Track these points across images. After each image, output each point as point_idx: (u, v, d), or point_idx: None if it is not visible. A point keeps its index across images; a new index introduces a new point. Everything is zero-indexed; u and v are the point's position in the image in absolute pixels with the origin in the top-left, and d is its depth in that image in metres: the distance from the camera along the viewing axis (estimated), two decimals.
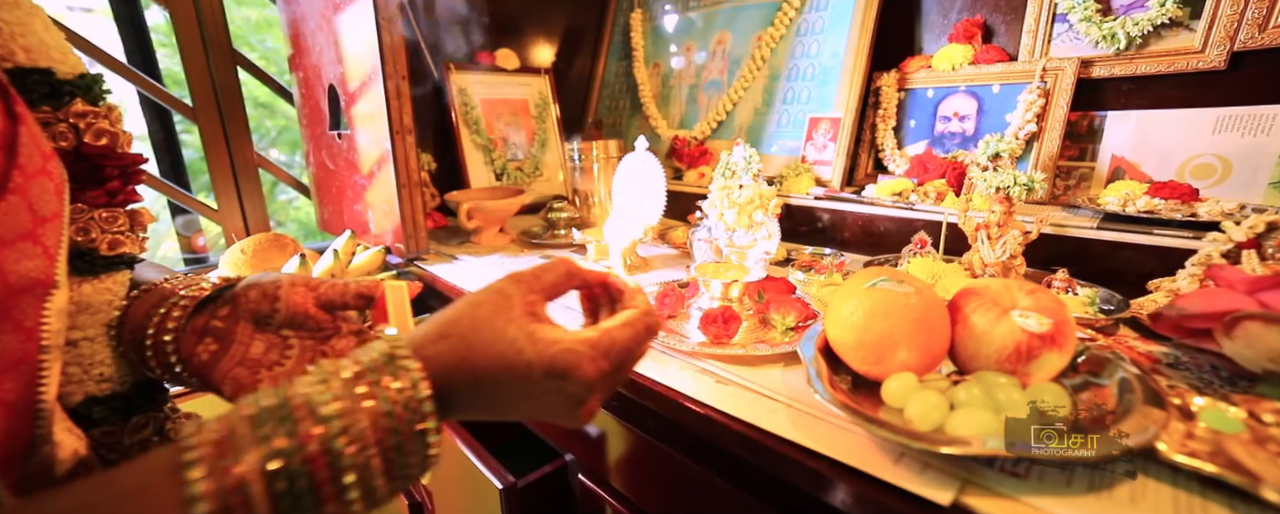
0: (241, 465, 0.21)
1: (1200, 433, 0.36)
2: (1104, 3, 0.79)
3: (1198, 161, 0.74)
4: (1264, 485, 0.29)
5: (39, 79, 0.32)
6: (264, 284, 0.41)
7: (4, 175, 0.26)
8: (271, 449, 0.22)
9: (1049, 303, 0.42)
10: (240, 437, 0.22)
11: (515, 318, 0.29)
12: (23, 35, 0.32)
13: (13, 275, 0.26)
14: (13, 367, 0.26)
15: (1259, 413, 0.35)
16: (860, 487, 0.34)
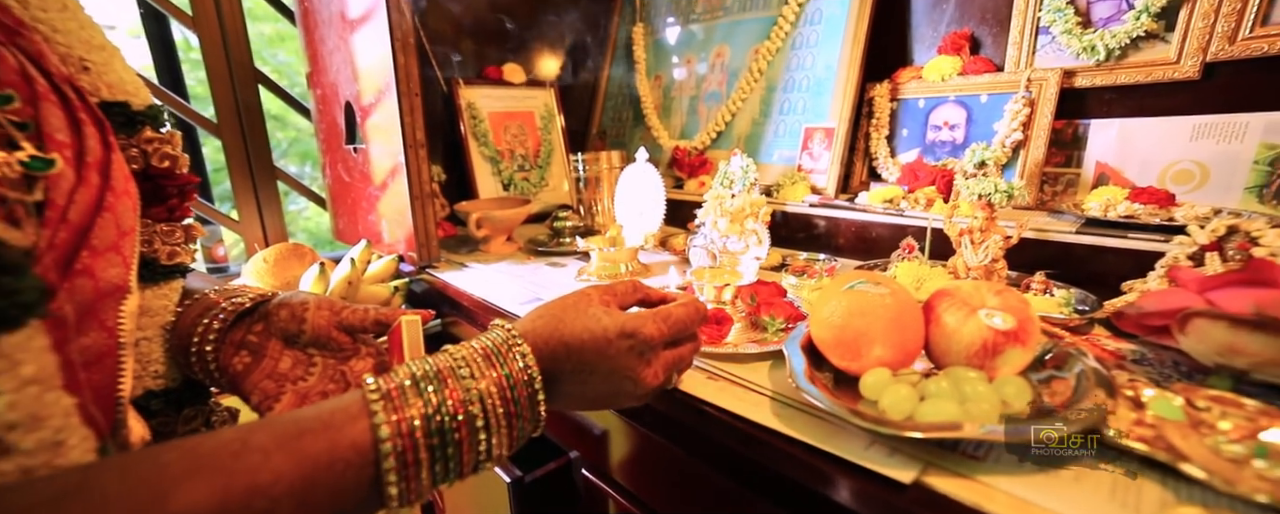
0: (408, 412, 0.30)
1: (1149, 419, 0.39)
2: (1084, 16, 0.83)
3: (1177, 167, 0.78)
4: (1186, 463, 0.33)
5: (118, 111, 0.37)
6: (293, 305, 0.46)
7: (101, 196, 0.30)
8: (427, 404, 0.30)
9: (1015, 303, 0.46)
10: (407, 392, 0.30)
11: (594, 303, 0.40)
12: (106, 73, 0.37)
13: (102, 281, 0.31)
14: (98, 360, 0.31)
15: (1194, 400, 0.38)
16: (833, 470, 0.38)
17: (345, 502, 0.27)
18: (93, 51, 0.38)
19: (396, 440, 0.29)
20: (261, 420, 0.28)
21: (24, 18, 0.35)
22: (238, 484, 0.24)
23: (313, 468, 0.26)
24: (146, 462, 0.24)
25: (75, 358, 0.29)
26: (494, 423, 0.32)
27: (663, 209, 0.88)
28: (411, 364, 0.33)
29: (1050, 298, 0.62)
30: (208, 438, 0.26)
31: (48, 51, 0.36)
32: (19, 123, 0.31)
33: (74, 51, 0.37)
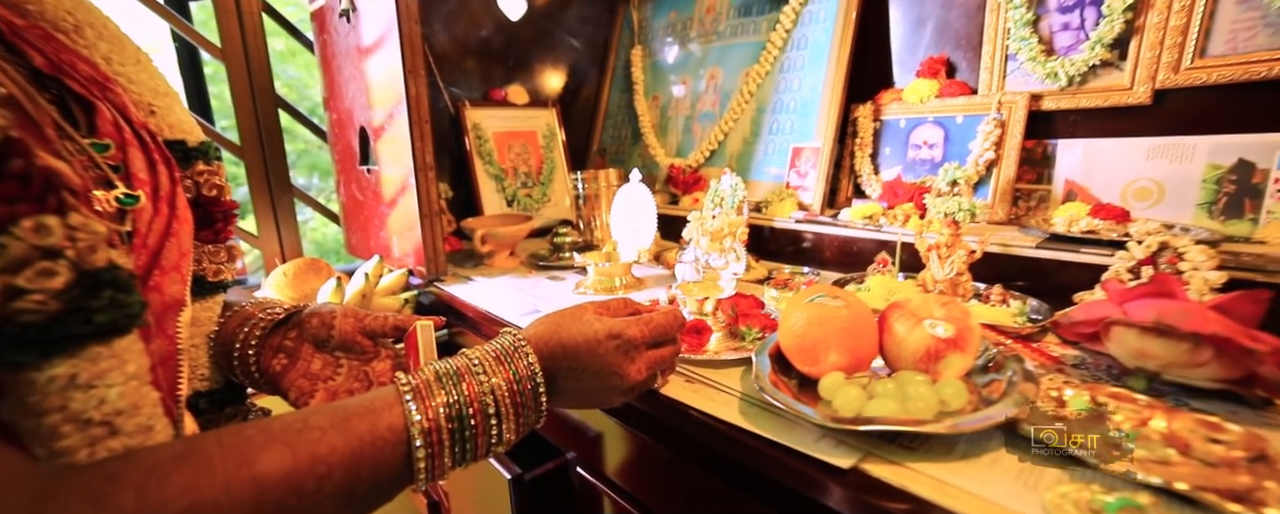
0: (434, 402, 0.36)
1: (1068, 414, 0.45)
2: (1047, 44, 0.89)
3: (1136, 185, 0.84)
4: (1072, 445, 0.39)
5: (177, 148, 0.45)
6: (323, 314, 0.54)
7: (169, 224, 0.38)
8: (449, 397, 0.37)
9: (957, 314, 0.52)
10: (432, 386, 0.37)
11: (587, 312, 0.47)
12: (169, 116, 0.44)
13: (167, 296, 0.38)
14: (163, 363, 0.38)
15: (1098, 397, 0.44)
16: (789, 459, 0.45)
17: (382, 475, 0.34)
18: (158, 97, 0.45)
19: (424, 425, 0.35)
20: (316, 407, 0.35)
21: (108, 73, 0.43)
22: (303, 453, 0.31)
23: (359, 444, 0.33)
24: (236, 434, 0.31)
25: (155, 361, 0.36)
26: (504, 413, 0.39)
27: (654, 226, 0.94)
28: (435, 364, 0.39)
29: (1006, 308, 0.68)
30: (278, 419, 0.33)
31: (128, 102, 0.43)
32: (113, 166, 0.39)
33: (144, 98, 0.45)
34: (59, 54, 0.41)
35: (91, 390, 0.30)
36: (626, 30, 1.51)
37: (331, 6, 1.05)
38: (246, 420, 0.51)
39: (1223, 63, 0.73)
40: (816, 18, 1.11)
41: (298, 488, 0.31)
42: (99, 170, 0.39)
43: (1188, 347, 0.46)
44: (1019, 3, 0.89)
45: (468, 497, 0.83)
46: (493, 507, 0.76)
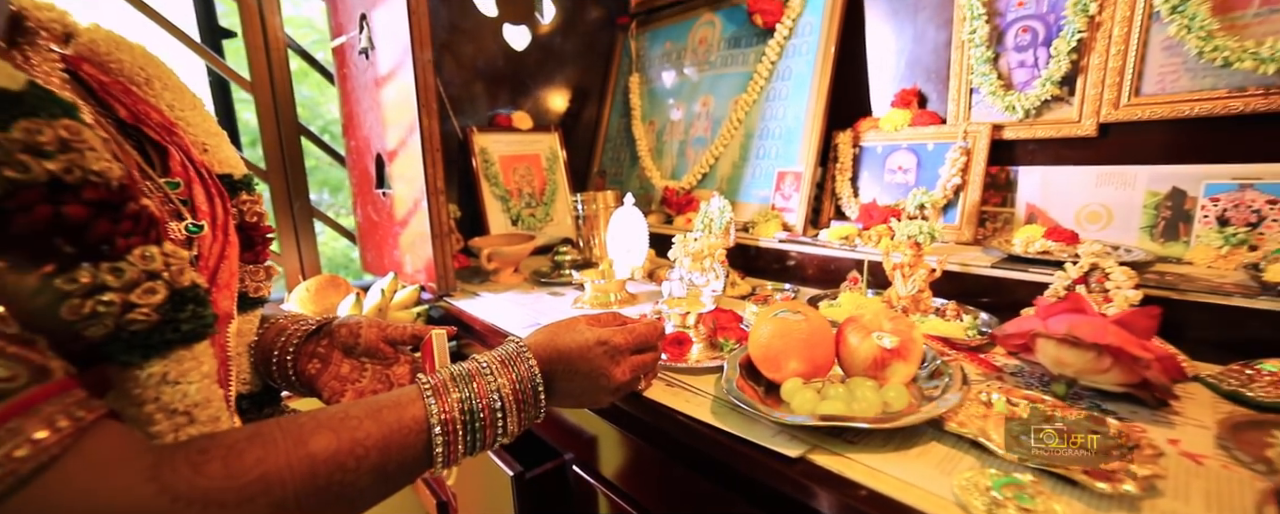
0: (449, 400, 0.44)
1: (993, 415, 0.53)
2: (1006, 79, 0.98)
3: (1088, 209, 0.92)
4: (983, 438, 0.47)
5: (226, 180, 0.54)
6: (350, 324, 0.63)
7: (223, 248, 0.47)
8: (462, 395, 0.45)
9: (903, 327, 0.60)
10: (448, 386, 0.45)
11: (580, 323, 0.55)
12: (219, 152, 0.54)
13: (221, 310, 0.47)
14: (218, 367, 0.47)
15: (1012, 399, 0.52)
16: (748, 450, 0.53)
17: (408, 458, 0.42)
18: (211, 137, 0.55)
19: (442, 417, 0.43)
20: (353, 401, 0.44)
21: (172, 118, 0.53)
22: (345, 437, 0.39)
23: (389, 431, 0.41)
24: (292, 421, 0.39)
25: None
26: (509, 409, 0.47)
27: (646, 246, 1.03)
28: (450, 367, 0.48)
29: (959, 322, 0.76)
30: (324, 409, 0.41)
31: (189, 143, 0.53)
32: (182, 200, 0.49)
33: (200, 138, 0.54)
34: (136, 105, 0.51)
35: (177, 386, 0.39)
36: (625, 58, 1.61)
37: (352, 44, 1.15)
38: None
39: (1154, 101, 0.82)
40: (799, 51, 1.20)
41: (341, 465, 0.39)
42: (172, 204, 0.49)
43: (1093, 355, 0.54)
44: (980, 41, 0.98)
45: (474, 493, 0.91)
46: (497, 502, 0.84)
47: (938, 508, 0.42)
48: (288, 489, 0.37)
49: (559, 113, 1.61)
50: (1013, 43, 0.97)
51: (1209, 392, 0.57)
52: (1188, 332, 0.66)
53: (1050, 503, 0.40)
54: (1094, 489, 0.41)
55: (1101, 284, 0.68)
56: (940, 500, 0.43)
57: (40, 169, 0.32)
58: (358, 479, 0.40)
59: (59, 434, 0.30)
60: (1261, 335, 0.61)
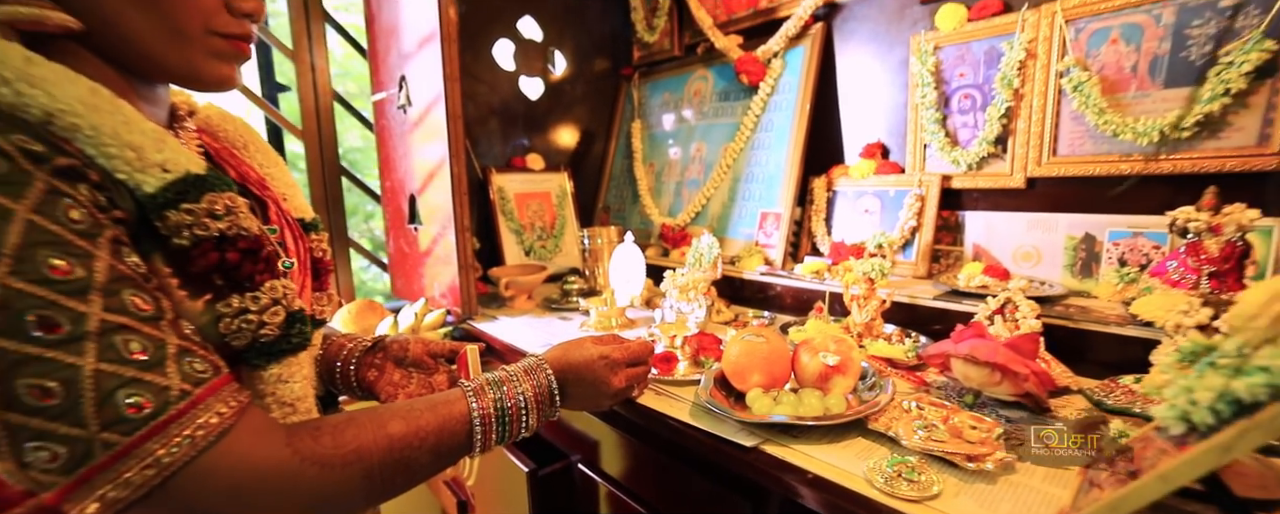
0: (485, 400, 0.58)
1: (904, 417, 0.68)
2: (953, 137, 1.15)
3: (1022, 250, 1.07)
4: (899, 435, 0.62)
5: (300, 223, 0.70)
6: (401, 341, 0.78)
7: (304, 279, 0.63)
8: (495, 396, 0.59)
9: (845, 349, 0.76)
10: (485, 389, 0.59)
11: (586, 341, 0.69)
12: (294, 200, 0.69)
13: None
14: None
15: (922, 404, 0.67)
16: (715, 443, 0.68)
17: (455, 444, 0.56)
18: (289, 188, 0.71)
19: (480, 414, 0.58)
20: (413, 399, 0.59)
21: (262, 174, 0.69)
22: (412, 424, 0.54)
23: (443, 422, 0.56)
24: (372, 411, 0.54)
25: None
26: (531, 408, 0.62)
27: (644, 277, 1.19)
28: (483, 376, 0.63)
29: (901, 345, 0.92)
30: (394, 404, 0.57)
31: (276, 195, 0.69)
32: (279, 243, 0.65)
33: (282, 189, 0.70)
34: (240, 166, 0.67)
35: (287, 384, 0.54)
36: (628, 106, 1.80)
37: (391, 99, 1.34)
38: None
39: (1067, 161, 0.98)
40: (780, 106, 1.38)
41: (409, 444, 0.54)
42: (272, 247, 0.65)
43: (987, 371, 0.69)
44: (930, 105, 1.16)
45: (494, 487, 1.06)
46: (513, 496, 0.98)
47: (852, 483, 0.57)
48: (373, 459, 0.52)
49: (568, 154, 1.79)
50: (956, 107, 1.14)
51: (1084, 400, 0.72)
52: (1083, 353, 0.82)
53: (930, 476, 0.55)
54: (966, 468, 0.56)
55: (1012, 314, 0.83)
56: (855, 478, 0.58)
57: (215, 227, 0.48)
58: (420, 456, 0.55)
59: (232, 410, 0.46)
60: (1131, 356, 0.76)
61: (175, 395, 0.42)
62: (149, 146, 0.46)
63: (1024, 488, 0.55)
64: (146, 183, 0.46)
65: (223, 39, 0.52)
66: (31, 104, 0.42)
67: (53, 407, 0.38)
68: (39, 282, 0.38)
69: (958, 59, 1.12)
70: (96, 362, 0.39)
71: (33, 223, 0.39)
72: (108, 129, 0.44)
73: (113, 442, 0.39)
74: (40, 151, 0.41)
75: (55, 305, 0.38)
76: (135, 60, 0.50)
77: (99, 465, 0.39)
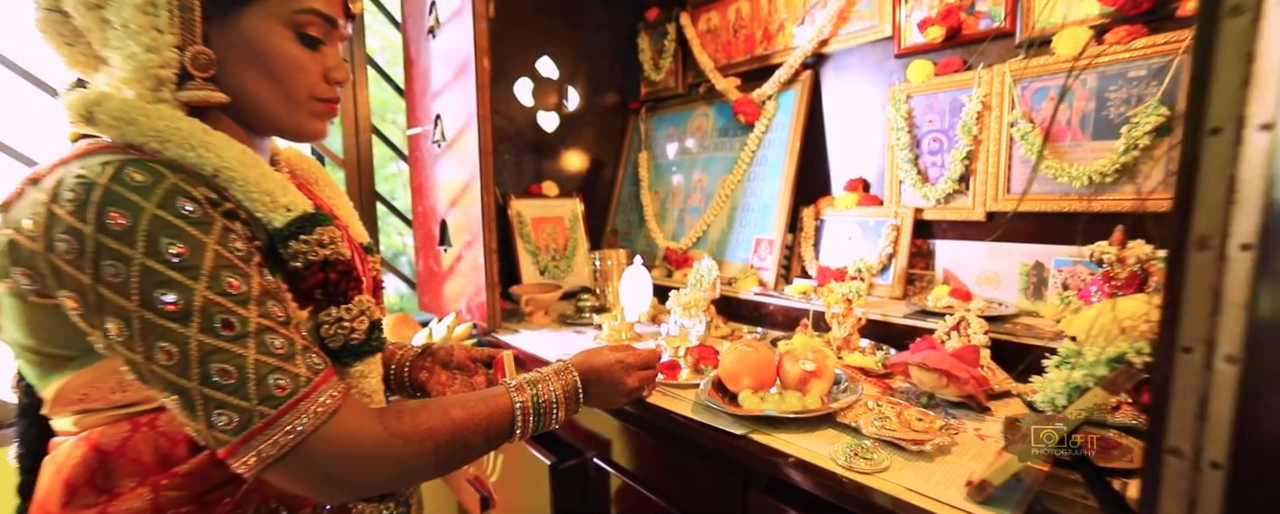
0: (525, 395, 0.73)
1: (874, 414, 0.84)
2: (924, 175, 1.32)
3: (984, 275, 1.23)
4: (860, 426, 0.77)
5: (361, 247, 0.86)
6: (446, 347, 0.94)
7: (371, 296, 0.79)
8: (532, 392, 0.74)
9: (820, 357, 0.91)
10: (524, 386, 0.73)
11: (605, 349, 0.84)
12: (353, 227, 0.84)
13: None
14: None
15: (880, 402, 0.83)
16: (713, 433, 0.83)
17: (500, 430, 0.71)
18: (350, 217, 0.86)
19: (520, 406, 0.72)
20: (468, 393, 0.74)
21: (331, 206, 0.85)
22: (469, 412, 0.69)
23: (492, 411, 0.71)
24: (439, 400, 0.69)
25: None
26: (560, 404, 0.76)
27: (651, 296, 1.35)
28: (520, 377, 0.78)
29: (873, 356, 1.07)
30: (456, 396, 0.72)
31: (343, 223, 0.85)
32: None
33: (344, 218, 0.86)
34: (315, 198, 0.83)
35: (366, 379, 0.70)
36: (635, 137, 1.97)
37: (426, 134, 1.51)
38: None
39: (1017, 199, 1.14)
40: (773, 143, 1.55)
41: (467, 428, 0.69)
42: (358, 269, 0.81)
43: (936, 376, 0.84)
44: (903, 146, 1.32)
45: (519, 480, 1.20)
46: (536, 489, 1.13)
47: (822, 462, 0.72)
48: (441, 437, 0.67)
49: (579, 181, 1.96)
50: (927, 148, 1.31)
51: (1021, 402, 0.87)
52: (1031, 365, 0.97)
53: (881, 455, 0.71)
54: (909, 449, 0.72)
55: (965, 330, 0.99)
56: (823, 458, 0.73)
57: (322, 254, 0.64)
58: (475, 437, 0.70)
59: (340, 395, 0.61)
60: None
61: (303, 381, 0.57)
62: (278, 192, 0.62)
63: (954, 465, 0.70)
64: (276, 220, 0.62)
65: (321, 102, 0.69)
66: (205, 163, 0.58)
67: (230, 385, 0.54)
68: (222, 295, 0.54)
69: (927, 107, 1.29)
70: (255, 353, 0.55)
71: (217, 252, 0.55)
72: (253, 180, 0.60)
73: (266, 412, 0.55)
74: (215, 198, 0.57)
75: (232, 312, 0.54)
76: (258, 121, 0.67)
77: (257, 430, 0.54)
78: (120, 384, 0.61)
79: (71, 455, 0.61)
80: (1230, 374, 0.39)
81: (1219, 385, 0.40)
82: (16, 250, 0.54)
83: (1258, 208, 0.37)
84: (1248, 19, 0.37)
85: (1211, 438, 0.41)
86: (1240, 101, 0.37)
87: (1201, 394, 0.41)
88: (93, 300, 0.53)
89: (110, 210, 0.52)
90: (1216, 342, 0.40)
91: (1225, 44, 0.38)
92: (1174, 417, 0.42)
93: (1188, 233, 0.41)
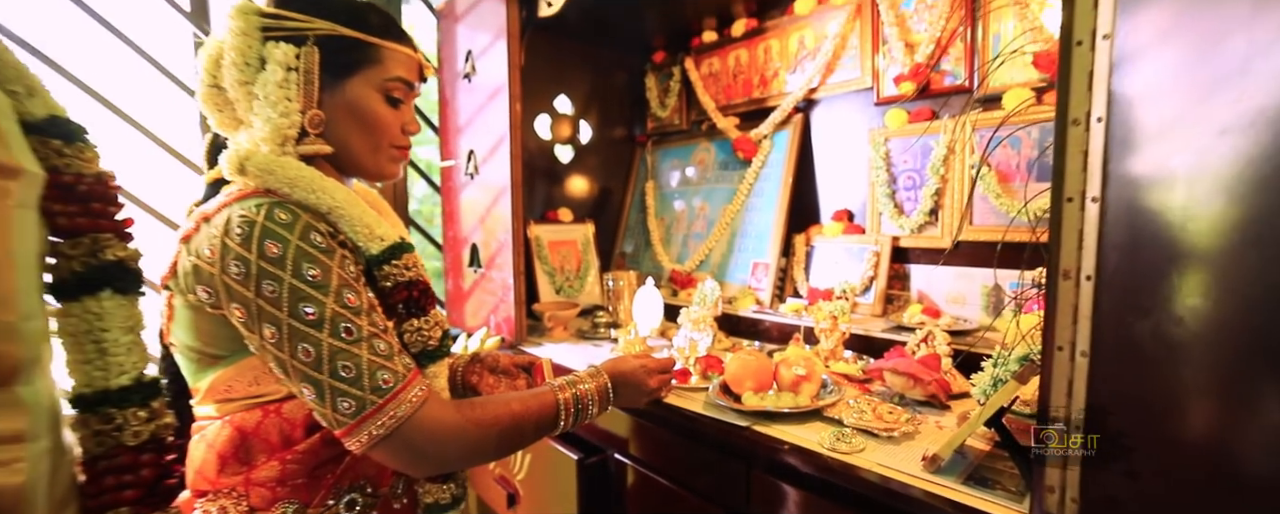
0: (567, 394, 0.90)
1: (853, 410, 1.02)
2: (899, 208, 1.52)
3: (952, 295, 1.43)
4: (842, 418, 0.95)
5: None
6: (492, 355, 1.12)
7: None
8: (572, 391, 0.91)
9: (810, 365, 1.09)
10: (565, 386, 0.91)
11: (629, 356, 1.01)
12: (361, 227, 1.04)
13: None
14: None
15: (857, 400, 1.01)
16: (720, 425, 1.00)
17: (547, 423, 0.87)
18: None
19: (564, 403, 0.89)
20: (521, 391, 0.92)
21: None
22: (525, 405, 0.86)
23: (541, 406, 0.88)
24: (499, 396, 0.87)
25: None
26: (595, 401, 0.93)
27: (661, 314, 1.53)
28: (561, 379, 0.95)
29: (854, 365, 1.25)
30: (512, 393, 0.89)
31: None
32: None
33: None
34: None
35: (437, 378, 0.87)
36: (642, 168, 2.17)
37: (459, 167, 1.70)
38: None
39: (980, 229, 1.35)
40: (769, 177, 1.75)
41: (522, 418, 0.86)
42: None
43: (904, 379, 1.03)
44: (882, 183, 1.53)
45: (548, 474, 1.36)
46: (564, 483, 1.29)
47: (810, 446, 0.90)
48: (503, 425, 0.84)
49: (590, 207, 2.16)
50: (902, 185, 1.51)
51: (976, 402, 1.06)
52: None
53: (858, 440, 0.89)
54: (881, 436, 0.90)
55: (931, 342, 1.17)
56: (812, 443, 0.91)
57: (407, 276, 0.82)
58: (527, 427, 0.88)
59: (425, 390, 0.78)
60: None
61: (401, 376, 0.74)
62: (374, 225, 0.80)
63: (916, 447, 0.88)
64: (372, 248, 0.80)
65: (397, 149, 0.87)
66: (322, 204, 0.76)
67: (351, 378, 0.71)
68: (344, 307, 0.72)
69: (902, 149, 1.50)
70: (368, 354, 0.72)
71: (339, 274, 0.72)
72: (356, 216, 0.78)
73: (376, 400, 0.72)
74: (331, 232, 0.75)
75: (351, 321, 0.72)
76: (350, 166, 0.85)
77: (369, 414, 0.71)
78: (256, 379, 0.78)
79: (220, 434, 0.78)
80: (1084, 364, 0.58)
81: (1078, 372, 0.59)
82: (199, 272, 0.72)
83: (1094, 252, 0.57)
84: (1082, 129, 0.57)
85: (1075, 407, 0.60)
86: (1080, 181, 0.57)
87: (1069, 379, 0.60)
88: (254, 311, 0.70)
89: (267, 242, 0.70)
90: (1076, 342, 0.59)
91: (1072, 145, 0.58)
92: (1053, 393, 0.61)
93: (1057, 268, 0.60)
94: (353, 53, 0.82)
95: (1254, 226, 0.47)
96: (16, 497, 0.38)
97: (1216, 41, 0.49)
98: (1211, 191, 0.49)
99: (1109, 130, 0.55)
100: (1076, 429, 0.59)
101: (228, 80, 0.79)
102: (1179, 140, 0.51)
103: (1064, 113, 0.58)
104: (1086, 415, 0.58)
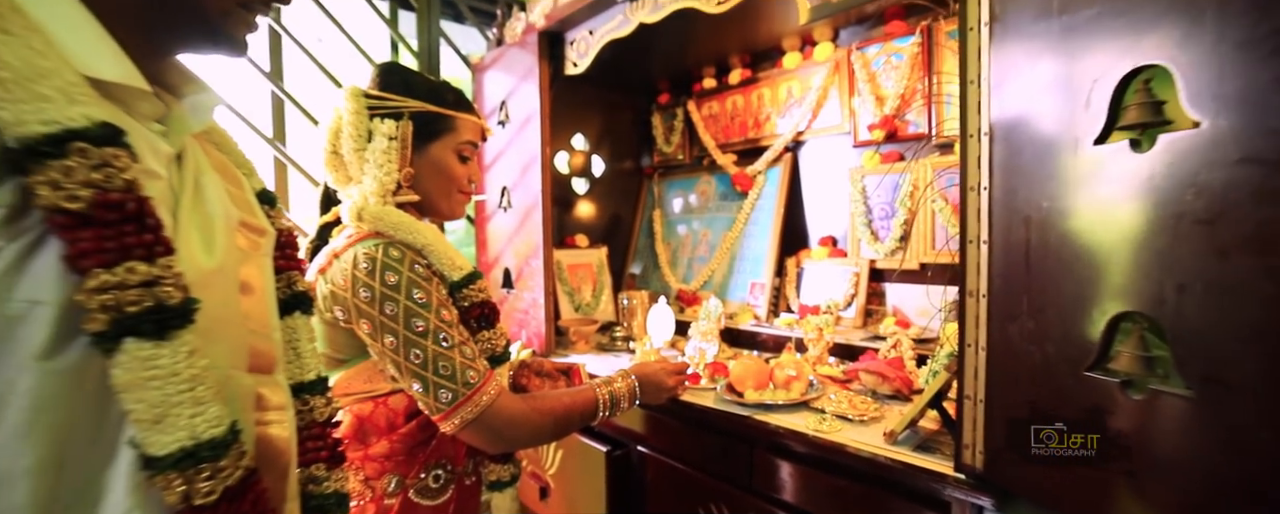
0: (604, 392, 1.16)
1: (833, 402, 1.27)
2: (875, 234, 1.79)
3: (920, 309, 1.69)
4: (824, 408, 1.21)
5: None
6: (538, 361, 1.37)
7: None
8: (609, 389, 1.17)
9: (800, 368, 1.35)
10: (603, 384, 1.17)
11: (651, 362, 1.29)
12: (445, 259, 1.30)
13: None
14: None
15: (836, 393, 1.27)
16: (727, 416, 1.26)
17: (590, 414, 1.12)
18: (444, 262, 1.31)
19: (603, 399, 1.15)
20: (569, 389, 1.17)
21: None
22: (574, 399, 1.11)
23: (586, 401, 1.13)
24: (553, 392, 1.12)
25: None
26: (625, 397, 1.18)
27: (672, 328, 1.79)
28: (599, 379, 1.21)
29: (836, 368, 1.51)
30: (561, 390, 1.15)
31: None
32: None
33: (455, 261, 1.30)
34: None
35: (502, 379, 1.13)
36: (650, 197, 2.44)
37: (491, 200, 1.96)
38: None
39: (942, 254, 1.62)
40: (763, 207, 2.03)
41: (572, 410, 1.12)
42: None
43: (876, 377, 1.29)
44: (860, 213, 1.80)
45: (577, 466, 1.61)
46: (592, 472, 1.54)
47: (800, 428, 1.16)
48: (557, 414, 1.10)
49: (603, 232, 2.42)
50: (877, 216, 1.79)
51: None
52: None
53: (836, 424, 1.14)
54: (854, 420, 1.15)
55: (898, 348, 1.44)
56: (801, 427, 1.16)
57: (480, 298, 1.08)
58: (574, 417, 1.13)
59: (500, 386, 1.04)
60: None
61: (482, 374, 1.00)
62: (454, 257, 1.06)
63: (881, 428, 1.13)
64: (454, 276, 1.05)
65: (463, 194, 1.14)
66: (417, 242, 1.02)
67: (448, 375, 0.96)
68: (442, 322, 0.97)
69: (876, 185, 1.78)
70: (459, 357, 0.98)
71: (437, 296, 0.98)
72: (442, 251, 1.04)
73: (466, 392, 0.97)
74: (428, 264, 1.01)
75: (447, 332, 0.97)
76: (429, 209, 1.11)
77: (460, 404, 0.97)
78: (369, 377, 1.03)
79: (345, 420, 1.02)
80: (983, 357, 0.85)
81: (980, 363, 0.85)
82: (335, 297, 0.98)
83: (985, 278, 0.83)
84: (976, 192, 0.84)
85: (979, 389, 0.86)
86: (977, 229, 0.84)
87: (975, 366, 0.86)
88: (378, 325, 0.95)
89: (386, 274, 0.96)
90: (979, 342, 0.85)
91: (969, 206, 0.85)
92: (965, 378, 0.87)
93: (965, 287, 0.87)
94: (436, 123, 1.08)
95: (1059, 259, 0.74)
96: (286, 444, 0.63)
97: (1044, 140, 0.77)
98: (1045, 232, 0.76)
99: (991, 194, 0.82)
100: (980, 402, 0.85)
101: (345, 148, 1.05)
102: (1026, 207, 0.78)
103: (965, 182, 0.85)
104: (987, 394, 0.84)
